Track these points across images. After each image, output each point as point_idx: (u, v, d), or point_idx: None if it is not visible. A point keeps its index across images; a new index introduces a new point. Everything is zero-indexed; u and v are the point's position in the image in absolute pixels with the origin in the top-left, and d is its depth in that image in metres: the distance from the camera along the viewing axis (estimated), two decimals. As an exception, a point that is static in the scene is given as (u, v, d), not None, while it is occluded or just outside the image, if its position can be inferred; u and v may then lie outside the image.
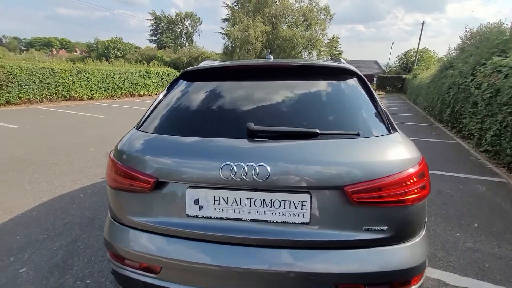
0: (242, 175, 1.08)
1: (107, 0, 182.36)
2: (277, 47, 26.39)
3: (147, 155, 1.25)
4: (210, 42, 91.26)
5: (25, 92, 10.49)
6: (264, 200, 1.12)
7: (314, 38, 27.23)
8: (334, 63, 1.62)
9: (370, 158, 1.12)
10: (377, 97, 1.42)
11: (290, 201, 1.11)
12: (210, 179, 1.14)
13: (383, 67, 40.34)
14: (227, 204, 1.15)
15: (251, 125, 1.16)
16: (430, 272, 1.98)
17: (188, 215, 1.17)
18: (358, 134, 1.19)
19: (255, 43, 24.18)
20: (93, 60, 15.70)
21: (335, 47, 45.73)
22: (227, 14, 30.45)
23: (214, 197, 1.16)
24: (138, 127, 1.43)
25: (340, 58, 2.22)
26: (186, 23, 49.13)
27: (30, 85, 10.63)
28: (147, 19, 49.81)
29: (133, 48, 39.20)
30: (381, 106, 1.37)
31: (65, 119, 8.26)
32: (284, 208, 1.11)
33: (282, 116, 1.34)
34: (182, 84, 1.59)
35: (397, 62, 40.66)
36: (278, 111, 1.37)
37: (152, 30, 49.86)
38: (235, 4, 30.25)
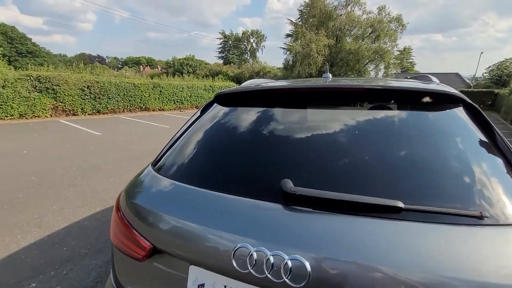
0: (265, 270, 0.70)
1: (186, 24, 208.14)
2: (340, 60, 25.10)
3: (147, 210, 0.98)
4: (272, 57, 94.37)
5: (112, 103, 12.34)
6: None
7: (382, 50, 25.06)
8: (428, 85, 1.09)
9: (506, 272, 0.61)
10: (506, 142, 0.87)
11: None
12: (217, 264, 0.80)
13: (467, 81, 34.33)
14: None
15: (288, 184, 0.77)
16: None
17: None
18: (481, 217, 0.69)
19: (317, 57, 23.51)
20: (167, 76, 17.72)
21: (407, 59, 41.38)
22: (291, 30, 30.68)
23: (225, 286, 0.81)
24: (154, 164, 1.21)
25: (429, 75, 1.61)
26: (251, 40, 51.75)
27: (116, 97, 12.47)
28: (217, 38, 54.33)
29: (203, 64, 43.08)
30: None
31: (139, 127, 9.24)
32: None
33: (341, 172, 0.88)
34: (215, 110, 1.30)
35: (487, 74, 34.08)
36: (336, 164, 0.91)
37: (220, 47, 54.09)
38: (299, 19, 30.41)
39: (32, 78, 10.10)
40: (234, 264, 0.75)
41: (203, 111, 1.36)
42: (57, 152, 5.66)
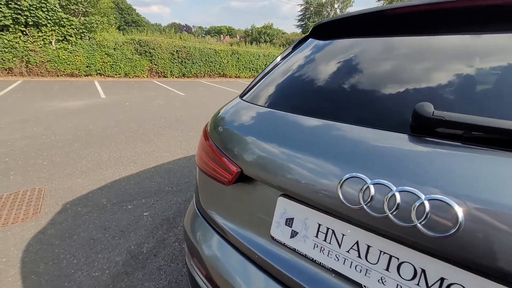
0: (386, 209, 0.54)
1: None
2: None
3: (237, 134, 0.92)
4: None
5: (195, 68, 13.35)
6: (424, 271, 0.53)
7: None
8: None
9: None
10: None
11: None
12: (314, 196, 0.67)
13: None
14: (340, 247, 0.65)
15: (427, 108, 0.56)
16: None
17: (272, 238, 0.78)
18: None
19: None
20: (245, 44, 17.94)
21: None
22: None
23: (320, 225, 0.69)
24: (242, 96, 1.13)
25: None
26: (335, 6, 46.98)
27: (199, 62, 13.39)
28: (298, 5, 51.34)
29: (281, 34, 41.86)
30: None
31: (216, 91, 9.81)
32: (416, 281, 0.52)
33: (491, 97, 0.63)
34: (312, 45, 1.11)
35: None
36: (484, 88, 0.66)
37: (300, 15, 51.09)
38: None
39: (134, 42, 11.63)
40: (341, 196, 0.60)
41: (295, 48, 1.18)
42: (150, 106, 6.49)
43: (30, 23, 9.20)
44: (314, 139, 0.74)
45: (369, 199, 0.57)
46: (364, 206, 0.57)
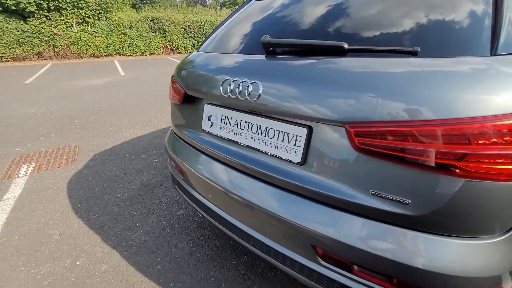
0: (237, 92, 0.99)
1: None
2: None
3: (183, 70, 1.39)
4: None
5: (207, 42, 13.57)
6: (260, 126, 1.01)
7: None
8: None
9: (387, 86, 0.74)
10: None
11: (284, 132, 0.94)
12: (215, 95, 1.12)
13: None
14: (230, 124, 1.13)
15: (266, 38, 0.99)
16: None
17: (203, 130, 1.26)
18: (414, 52, 0.75)
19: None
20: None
21: None
22: None
23: (222, 115, 1.16)
24: (197, 48, 1.55)
25: None
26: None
27: (211, 36, 13.56)
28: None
29: None
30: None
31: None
32: (277, 139, 0.95)
33: (314, 27, 1.06)
34: (249, 4, 1.51)
35: None
36: (313, 22, 1.07)
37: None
38: None
39: (148, 19, 11.99)
40: (221, 91, 1.06)
41: (240, 8, 1.55)
42: (164, 81, 7.01)
43: (52, 7, 9.85)
44: (222, 65, 1.19)
45: (231, 89, 1.01)
46: (229, 94, 1.02)
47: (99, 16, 10.88)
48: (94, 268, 1.54)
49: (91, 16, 10.63)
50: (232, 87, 1.01)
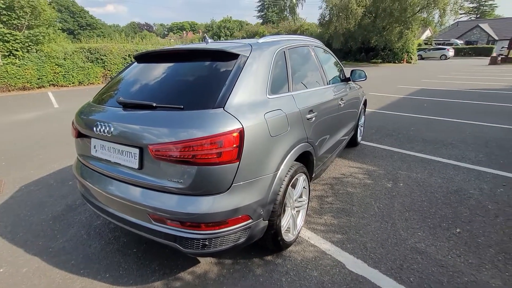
0: (104, 131, 1.65)
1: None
2: (382, 11, 22.32)
3: (78, 116, 2.00)
4: (312, 14, 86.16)
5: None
6: (118, 150, 1.67)
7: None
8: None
9: (166, 125, 1.49)
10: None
11: (128, 152, 1.62)
12: (93, 132, 1.74)
13: None
14: (105, 150, 1.76)
15: (120, 98, 1.72)
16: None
17: (92, 155, 1.87)
18: (181, 108, 1.52)
19: (356, 9, 21.32)
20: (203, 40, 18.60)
21: (485, 2, 34.03)
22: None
23: (101, 145, 1.79)
24: (92, 99, 2.16)
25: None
26: (292, -5, 48.14)
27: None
28: (256, -5, 51.78)
29: (241, 26, 42.37)
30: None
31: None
32: (126, 156, 1.63)
33: (152, 91, 1.83)
34: (133, 65, 2.20)
35: None
36: (152, 87, 1.85)
37: (259, 5, 51.80)
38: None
39: (84, 50, 11.99)
40: (95, 130, 1.70)
41: (127, 67, 2.24)
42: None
43: (-28, 41, 9.35)
44: (97, 113, 1.85)
45: (100, 129, 1.67)
46: (100, 132, 1.68)
47: (28, 48, 10.59)
48: (17, 271, 1.95)
49: (19, 49, 10.29)
50: (100, 127, 1.67)
